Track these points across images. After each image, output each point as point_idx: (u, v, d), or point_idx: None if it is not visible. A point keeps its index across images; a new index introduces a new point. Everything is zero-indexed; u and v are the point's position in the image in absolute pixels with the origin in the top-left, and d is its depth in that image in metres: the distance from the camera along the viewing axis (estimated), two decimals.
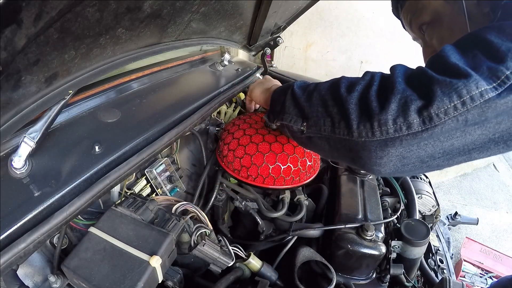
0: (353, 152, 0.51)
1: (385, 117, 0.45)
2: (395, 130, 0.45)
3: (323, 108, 0.54)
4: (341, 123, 0.51)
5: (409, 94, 0.44)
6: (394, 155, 0.46)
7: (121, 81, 0.83)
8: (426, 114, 0.43)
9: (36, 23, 0.35)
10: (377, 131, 0.46)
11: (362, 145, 0.48)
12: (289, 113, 0.62)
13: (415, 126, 0.43)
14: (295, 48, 2.86)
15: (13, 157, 0.49)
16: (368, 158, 0.49)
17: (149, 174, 0.79)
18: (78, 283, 0.52)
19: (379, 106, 0.46)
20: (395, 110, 0.44)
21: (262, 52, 1.27)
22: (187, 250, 0.66)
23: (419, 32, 0.69)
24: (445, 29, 0.63)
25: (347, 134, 0.50)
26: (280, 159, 0.77)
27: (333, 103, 0.53)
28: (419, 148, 0.45)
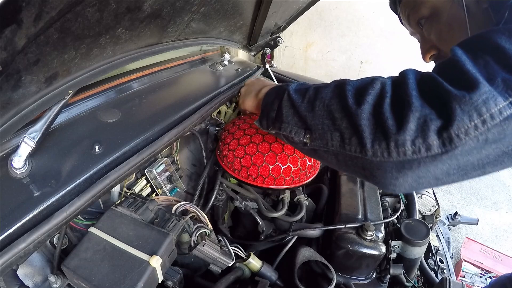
0: (366, 170, 0.48)
1: (403, 137, 0.42)
2: (413, 152, 0.42)
3: (329, 121, 0.50)
4: (352, 140, 0.47)
5: (428, 113, 0.41)
6: (410, 176, 0.44)
7: (121, 81, 0.83)
8: (446, 136, 0.40)
9: (36, 23, 0.35)
10: (393, 152, 0.43)
11: (376, 165, 0.45)
12: (288, 122, 0.57)
13: (434, 148, 0.41)
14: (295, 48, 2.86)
15: (13, 157, 0.49)
16: (383, 178, 0.46)
17: (149, 174, 0.79)
18: (78, 283, 0.52)
19: (396, 125, 0.43)
20: (413, 130, 0.41)
21: (262, 52, 1.27)
22: (187, 250, 0.66)
23: (417, 27, 0.68)
24: (443, 24, 0.62)
25: (360, 152, 0.46)
26: (280, 159, 0.77)
27: (341, 116, 0.48)
28: (436, 168, 0.43)
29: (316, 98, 0.53)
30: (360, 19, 2.58)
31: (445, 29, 0.62)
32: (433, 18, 0.63)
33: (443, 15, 0.61)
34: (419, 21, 0.66)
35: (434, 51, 0.66)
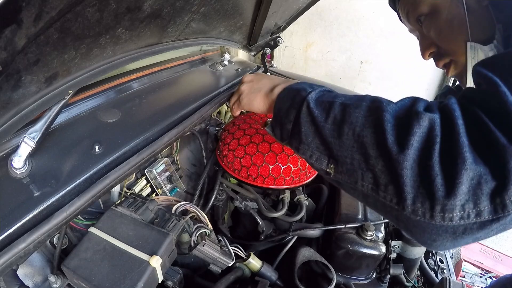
0: (401, 222, 0.41)
1: (453, 202, 0.35)
2: (461, 217, 0.36)
3: (361, 157, 0.42)
4: (388, 188, 0.40)
5: (482, 172, 0.35)
6: (451, 240, 0.38)
7: (121, 81, 0.83)
8: (499, 201, 0.34)
9: (36, 23, 0.35)
10: (438, 216, 0.36)
11: (414, 223, 0.39)
12: (308, 144, 0.49)
13: (485, 214, 0.35)
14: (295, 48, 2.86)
15: (13, 157, 0.49)
16: (420, 236, 0.40)
17: (149, 174, 0.79)
18: (78, 283, 0.52)
19: (445, 186, 0.35)
20: (465, 193, 0.35)
21: (262, 52, 1.27)
22: (187, 250, 0.66)
23: (416, 24, 0.67)
24: (443, 21, 0.61)
25: (396, 204, 0.39)
26: (280, 159, 0.77)
27: (376, 154, 0.40)
28: (481, 233, 0.37)
29: (344, 121, 0.45)
30: (360, 19, 2.58)
31: (444, 26, 0.61)
32: (432, 15, 0.63)
33: (443, 12, 0.61)
34: (419, 18, 0.65)
35: (434, 48, 0.66)
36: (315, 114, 0.48)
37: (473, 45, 0.58)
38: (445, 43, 0.63)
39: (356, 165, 0.43)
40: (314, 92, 0.52)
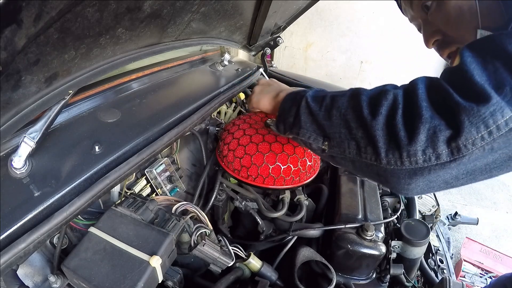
0: (381, 176, 0.51)
1: (414, 148, 0.45)
2: (424, 160, 0.45)
3: (346, 130, 0.53)
4: (367, 149, 0.51)
5: (437, 124, 0.44)
6: (422, 181, 0.48)
7: (121, 81, 0.83)
8: (455, 145, 0.43)
9: (36, 23, 0.35)
10: (406, 161, 0.46)
11: (390, 172, 0.49)
12: (306, 129, 0.60)
13: (443, 156, 0.44)
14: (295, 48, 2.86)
15: (13, 157, 0.49)
16: (397, 184, 0.50)
17: (149, 174, 0.79)
18: (78, 283, 0.52)
19: (407, 136, 0.46)
20: (423, 141, 0.45)
21: (262, 52, 1.27)
22: (187, 250, 0.66)
23: (421, 11, 0.66)
24: (452, 7, 0.59)
25: (375, 161, 0.50)
26: (280, 159, 0.77)
27: (357, 125, 0.52)
28: (446, 173, 0.46)
29: (333, 106, 0.56)
30: (360, 19, 2.58)
31: (454, 13, 0.60)
32: (441, 1, 0.61)
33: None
34: (425, 5, 0.64)
35: (439, 36, 0.65)
36: (312, 106, 0.59)
37: (483, 33, 0.57)
38: (453, 30, 0.62)
39: (343, 137, 0.54)
40: (311, 91, 0.62)
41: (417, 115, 0.46)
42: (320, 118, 0.57)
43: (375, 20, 2.52)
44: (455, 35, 0.62)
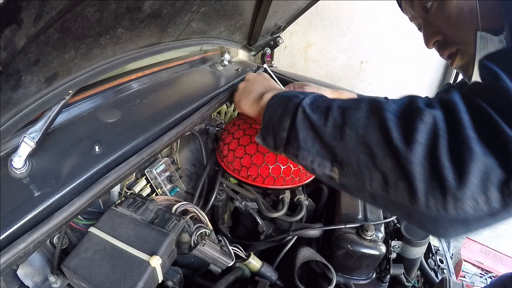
0: (413, 218, 0.42)
1: (464, 192, 0.36)
2: (473, 209, 0.36)
3: (367, 157, 0.42)
4: (398, 185, 0.40)
5: (490, 163, 0.35)
6: (463, 228, 0.40)
7: (121, 81, 0.83)
8: (508, 191, 0.35)
9: (36, 23, 0.35)
10: (451, 208, 0.37)
11: (427, 216, 0.40)
12: (308, 150, 0.48)
13: (495, 204, 0.36)
14: (295, 48, 2.86)
15: (13, 157, 0.49)
16: (433, 229, 0.42)
17: (149, 174, 0.79)
18: (78, 283, 0.52)
19: (456, 177, 0.36)
20: (476, 185, 0.35)
21: (262, 52, 1.27)
22: (187, 250, 0.66)
23: (421, 11, 0.64)
24: (453, 8, 0.58)
25: (408, 201, 0.39)
26: (280, 159, 0.77)
27: (383, 153, 0.40)
28: (491, 221, 0.38)
29: (345, 123, 0.44)
30: (360, 19, 2.57)
31: (454, 13, 0.59)
32: (442, 1, 0.60)
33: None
34: (425, 5, 0.62)
35: (439, 37, 0.64)
36: (313, 119, 0.47)
37: (483, 35, 0.56)
38: (453, 31, 0.61)
39: (363, 166, 0.42)
40: (308, 98, 0.51)
41: (465, 148, 0.36)
42: (327, 137, 0.45)
43: (375, 20, 2.52)
44: (455, 36, 0.61)
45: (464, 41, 0.60)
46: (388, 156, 0.40)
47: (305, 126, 0.48)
